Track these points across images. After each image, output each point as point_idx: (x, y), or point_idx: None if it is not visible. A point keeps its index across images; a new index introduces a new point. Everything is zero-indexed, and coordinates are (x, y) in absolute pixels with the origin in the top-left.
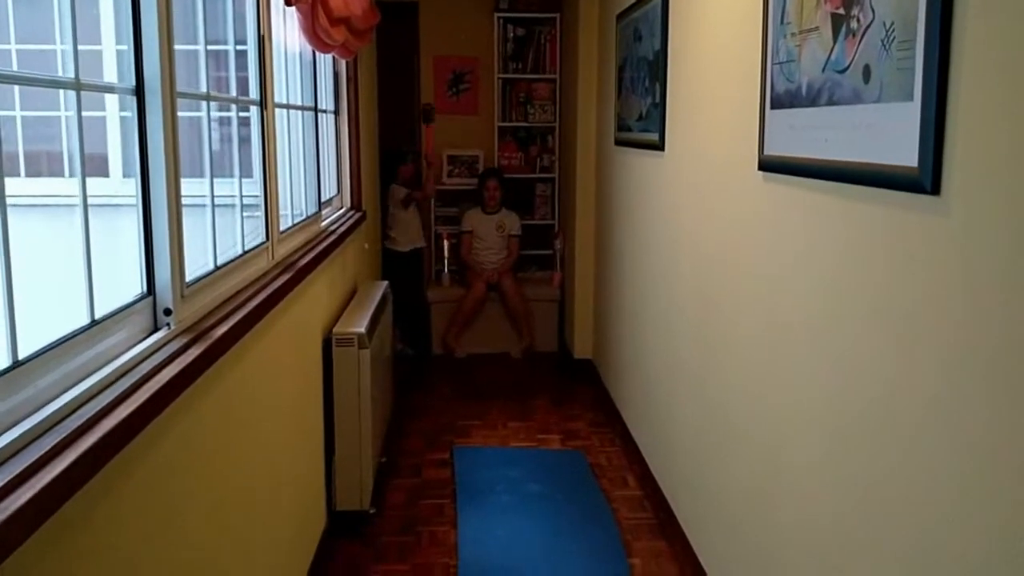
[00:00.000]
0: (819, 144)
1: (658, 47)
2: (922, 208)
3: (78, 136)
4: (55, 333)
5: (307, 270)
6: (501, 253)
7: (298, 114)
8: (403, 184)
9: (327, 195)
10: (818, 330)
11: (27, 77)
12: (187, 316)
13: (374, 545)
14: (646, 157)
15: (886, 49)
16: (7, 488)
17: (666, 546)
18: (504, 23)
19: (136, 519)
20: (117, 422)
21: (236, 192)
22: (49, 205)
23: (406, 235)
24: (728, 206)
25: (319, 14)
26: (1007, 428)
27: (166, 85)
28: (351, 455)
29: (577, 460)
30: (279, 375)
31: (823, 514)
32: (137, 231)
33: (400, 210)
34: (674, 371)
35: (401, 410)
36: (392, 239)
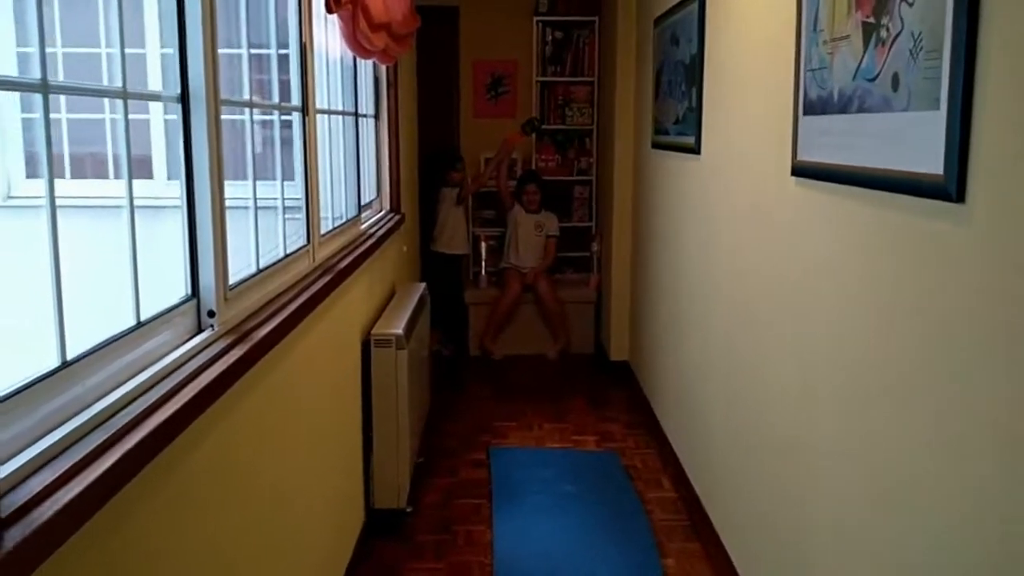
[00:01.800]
0: (850, 151)
1: (694, 51)
2: (947, 215)
3: (125, 143)
4: (103, 334)
5: (347, 272)
6: (538, 253)
7: (339, 119)
8: (454, 187)
9: (367, 198)
10: (847, 334)
11: (77, 87)
12: (230, 318)
13: (411, 543)
14: (682, 161)
15: (914, 58)
16: (57, 482)
17: (700, 547)
18: (543, 27)
19: (180, 513)
20: (162, 420)
21: (278, 195)
22: (94, 207)
23: (453, 239)
24: (762, 211)
25: (360, 20)
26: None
27: (210, 93)
28: (389, 454)
29: (612, 462)
30: (319, 375)
31: (853, 515)
32: (182, 235)
33: (452, 212)
34: (707, 373)
35: (438, 411)
36: (438, 241)
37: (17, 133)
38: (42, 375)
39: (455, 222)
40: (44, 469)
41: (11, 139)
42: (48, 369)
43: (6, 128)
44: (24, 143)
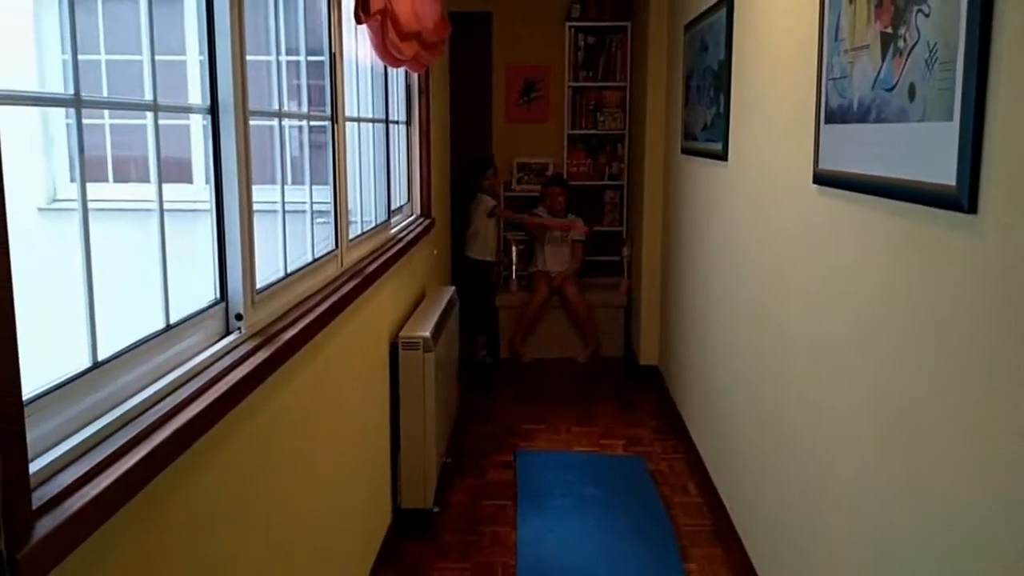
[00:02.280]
0: (868, 160)
1: (722, 58)
2: (960, 226)
3: (155, 152)
4: (134, 336)
5: (375, 276)
6: (565, 257)
7: (369, 126)
8: (489, 195)
9: (397, 203)
10: (866, 341)
11: (109, 101)
12: (257, 321)
13: (437, 543)
14: (710, 167)
15: (929, 69)
16: (87, 476)
17: (722, 552)
18: (575, 32)
19: (206, 508)
20: (188, 419)
21: (307, 199)
22: (135, 210)
23: (484, 246)
24: (784, 218)
25: (389, 30)
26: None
27: (238, 104)
28: (416, 455)
29: (637, 466)
30: (347, 377)
31: (872, 521)
32: (211, 241)
33: (484, 221)
34: (733, 378)
35: (466, 413)
36: (471, 247)
37: (62, 139)
38: (74, 375)
39: (487, 230)
40: (75, 464)
41: (57, 145)
42: (80, 369)
43: (52, 134)
44: (69, 148)
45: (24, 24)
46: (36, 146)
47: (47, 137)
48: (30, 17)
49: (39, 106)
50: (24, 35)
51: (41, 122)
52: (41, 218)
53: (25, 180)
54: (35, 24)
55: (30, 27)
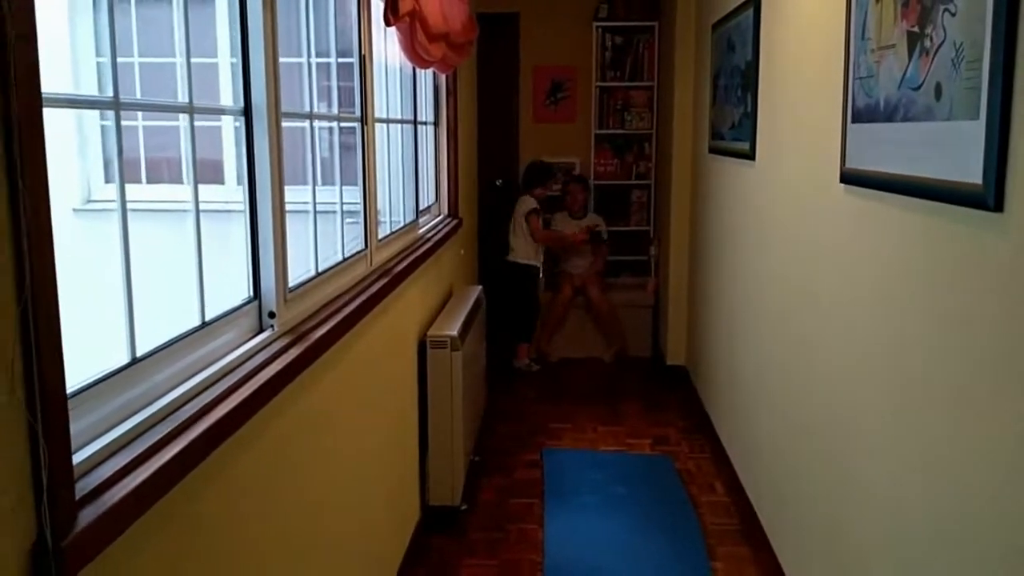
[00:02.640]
0: (895, 159)
1: (749, 57)
2: (986, 224)
3: (192, 153)
4: (170, 333)
5: (403, 275)
6: (587, 258)
7: (397, 127)
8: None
9: (425, 203)
10: (894, 341)
11: (147, 103)
12: (289, 319)
13: (465, 540)
14: (738, 166)
15: (956, 68)
16: (127, 468)
17: (749, 552)
18: (603, 32)
19: (240, 501)
20: (223, 414)
21: (337, 200)
22: (168, 211)
23: (527, 250)
24: (811, 217)
25: (417, 32)
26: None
27: (271, 107)
28: (443, 452)
29: (665, 465)
30: (376, 375)
31: (901, 522)
32: (245, 240)
33: (521, 224)
34: (760, 378)
35: (494, 412)
36: (514, 251)
37: (96, 140)
38: (113, 370)
39: (528, 233)
40: (114, 457)
41: (91, 146)
42: (119, 365)
43: (87, 136)
44: (104, 150)
45: (59, 27)
46: (71, 148)
47: (81, 139)
48: (65, 20)
49: (79, 108)
50: (59, 38)
51: (76, 124)
52: (76, 219)
53: (60, 181)
54: (70, 27)
55: (65, 30)
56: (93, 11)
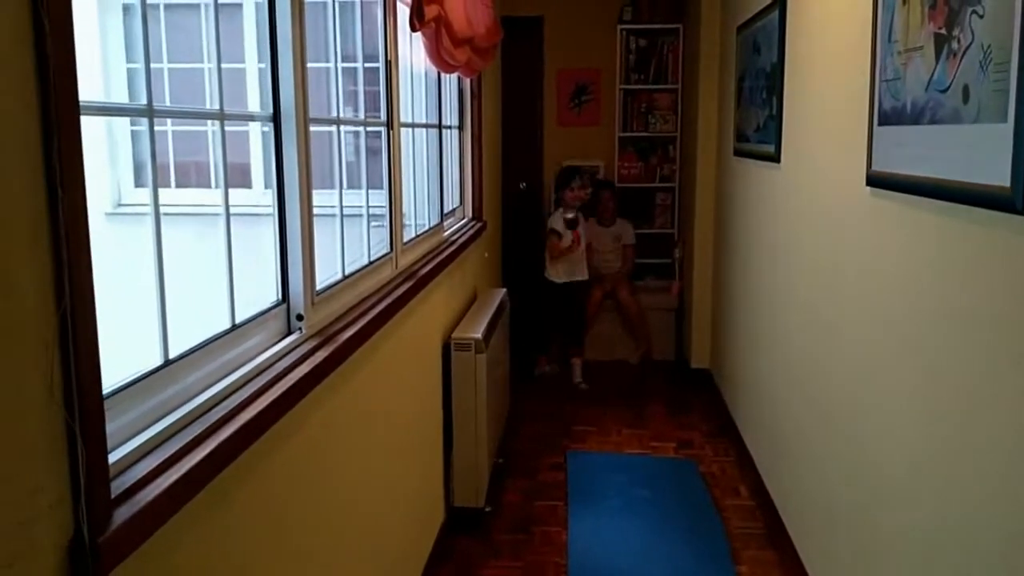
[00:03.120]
0: (921, 162)
1: (775, 59)
2: (1014, 227)
3: (222, 158)
4: (202, 335)
5: (428, 278)
6: (616, 263)
7: (423, 131)
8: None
9: (450, 206)
10: (920, 345)
11: (179, 111)
12: (317, 321)
13: (489, 542)
14: (763, 169)
15: (983, 71)
16: (161, 468)
17: (774, 555)
18: (627, 35)
19: (269, 500)
20: (254, 414)
21: (363, 203)
22: (198, 215)
23: (571, 266)
24: (837, 220)
25: (443, 37)
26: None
27: (300, 112)
28: (468, 454)
29: (689, 469)
30: (402, 376)
31: (924, 523)
32: (273, 245)
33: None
34: (785, 381)
35: (518, 414)
36: (555, 268)
37: (127, 145)
38: (146, 372)
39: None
40: (148, 456)
41: (121, 151)
42: (152, 367)
43: (117, 141)
44: (135, 155)
45: (89, 33)
46: (102, 153)
47: (112, 144)
48: (95, 27)
49: (115, 116)
50: (89, 45)
51: (106, 130)
52: (107, 222)
53: (92, 186)
54: (100, 34)
55: (96, 37)
56: (123, 17)
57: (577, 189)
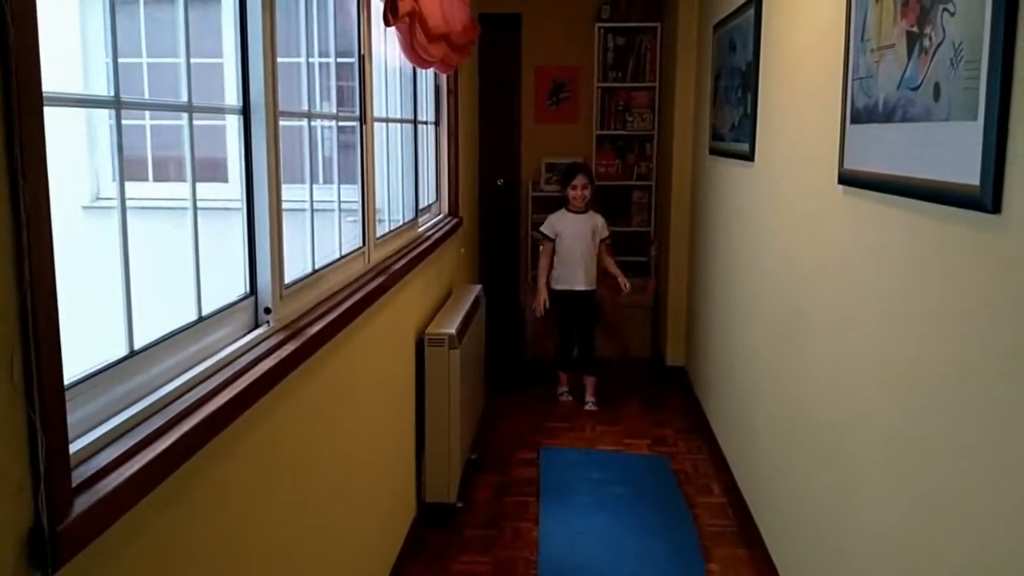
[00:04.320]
0: (893, 160)
1: (750, 58)
2: (984, 226)
3: (190, 150)
4: (168, 327)
5: (402, 273)
6: (593, 263)
7: (397, 126)
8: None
9: (425, 202)
10: (892, 343)
11: (147, 102)
12: (285, 315)
13: (460, 537)
14: (737, 167)
15: (954, 68)
16: (122, 458)
17: (746, 553)
18: (605, 32)
19: (235, 496)
20: (218, 406)
21: (335, 198)
22: (173, 208)
23: (574, 272)
24: (810, 218)
25: (417, 32)
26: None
27: (269, 105)
28: (440, 450)
29: (661, 465)
30: (373, 371)
31: (895, 521)
32: (242, 237)
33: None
34: (757, 379)
35: (493, 410)
36: (560, 275)
37: (106, 139)
38: (111, 363)
39: (573, 251)
40: (111, 446)
41: (100, 145)
42: (117, 357)
43: (96, 134)
44: (112, 148)
45: (70, 27)
46: (81, 146)
47: (91, 138)
48: (76, 20)
49: (82, 107)
50: (70, 38)
51: (86, 123)
52: (85, 216)
53: (70, 179)
54: (80, 28)
55: (76, 30)
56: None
57: (580, 188)
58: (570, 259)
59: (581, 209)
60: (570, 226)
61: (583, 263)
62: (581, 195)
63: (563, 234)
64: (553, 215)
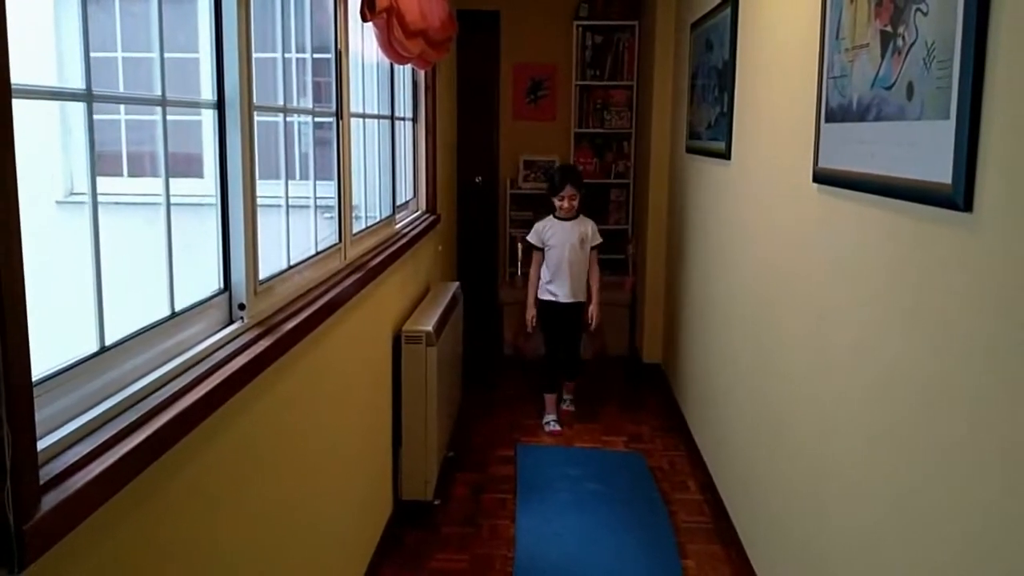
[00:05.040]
0: (867, 159)
1: (727, 57)
2: (956, 224)
3: (163, 145)
4: (140, 323)
5: (378, 270)
6: (583, 273)
7: (375, 122)
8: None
9: (402, 199)
10: (867, 341)
11: (119, 96)
12: (260, 311)
13: (437, 534)
14: (714, 166)
15: (927, 67)
16: (93, 454)
17: (721, 550)
18: (583, 31)
19: (208, 494)
20: (191, 403)
21: (311, 194)
22: (148, 204)
23: (562, 281)
24: (785, 217)
25: (395, 28)
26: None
27: (244, 99)
28: (417, 447)
29: (637, 462)
30: (349, 368)
31: (869, 517)
32: (216, 232)
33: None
34: (733, 377)
35: (470, 408)
36: (552, 285)
37: (81, 134)
38: (81, 359)
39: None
40: (80, 443)
41: (75, 140)
42: (87, 353)
43: (71, 129)
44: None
45: (45, 21)
46: (55, 141)
47: (65, 132)
48: (51, 14)
49: (52, 100)
50: (45, 32)
51: (60, 117)
52: (58, 211)
53: (44, 174)
54: (55, 21)
55: (51, 24)
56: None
57: (568, 199)
58: (557, 269)
59: (570, 216)
60: (558, 234)
61: (571, 273)
62: (569, 206)
63: (550, 242)
64: (540, 222)
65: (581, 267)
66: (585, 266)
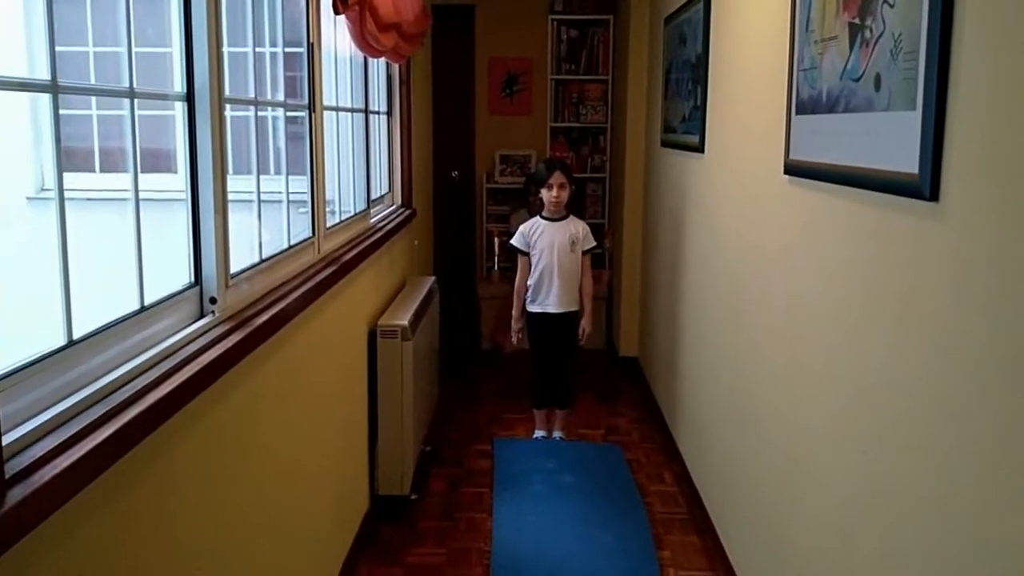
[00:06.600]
0: (836, 150)
1: (700, 51)
2: (923, 213)
3: (132, 138)
4: (109, 317)
5: (353, 264)
6: (575, 281)
7: (348, 116)
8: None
9: (377, 193)
10: (836, 330)
11: (86, 87)
12: (231, 304)
13: (414, 529)
14: (688, 159)
15: (894, 59)
16: (58, 449)
17: (697, 540)
18: (558, 25)
19: (179, 488)
20: (160, 397)
21: (283, 188)
22: (120, 199)
23: (547, 288)
24: (757, 209)
25: (367, 21)
26: (999, 417)
27: (214, 92)
28: (393, 442)
29: (614, 454)
30: (323, 363)
31: (842, 511)
32: (186, 225)
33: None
34: (707, 369)
35: (448, 402)
36: (537, 298)
37: (50, 128)
38: (47, 353)
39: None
40: (47, 437)
41: (45, 135)
42: (54, 347)
43: (41, 125)
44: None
45: (13, 12)
46: (25, 137)
47: (36, 127)
48: (20, 7)
49: (17, 91)
50: (12, 24)
51: (30, 112)
52: (28, 207)
53: (13, 170)
54: (24, 12)
55: (20, 16)
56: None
57: (556, 188)
58: (545, 276)
59: (558, 215)
60: (545, 236)
61: (560, 280)
62: (557, 197)
63: (536, 246)
64: (524, 224)
65: (572, 272)
66: (577, 271)
